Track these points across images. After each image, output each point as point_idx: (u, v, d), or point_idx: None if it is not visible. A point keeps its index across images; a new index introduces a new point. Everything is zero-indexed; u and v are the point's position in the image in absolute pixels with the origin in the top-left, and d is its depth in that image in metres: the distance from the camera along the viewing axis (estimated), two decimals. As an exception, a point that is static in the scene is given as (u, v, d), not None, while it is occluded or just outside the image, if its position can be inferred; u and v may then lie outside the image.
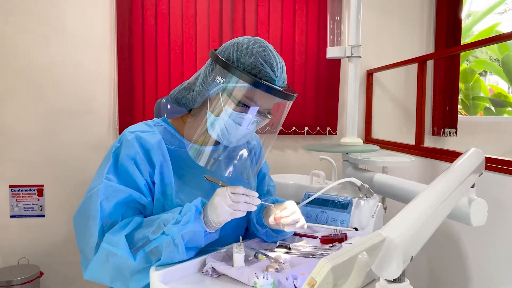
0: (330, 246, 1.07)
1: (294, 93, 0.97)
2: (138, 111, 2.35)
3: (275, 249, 1.05)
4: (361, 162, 1.81)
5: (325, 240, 1.10)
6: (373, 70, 2.64)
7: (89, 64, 2.31)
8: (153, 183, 1.02)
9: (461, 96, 5.34)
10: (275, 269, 0.91)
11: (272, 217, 1.03)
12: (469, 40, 6.53)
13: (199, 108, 1.07)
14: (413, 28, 2.77)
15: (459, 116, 2.93)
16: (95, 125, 2.35)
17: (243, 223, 1.16)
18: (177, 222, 0.91)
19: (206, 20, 2.40)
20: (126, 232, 0.93)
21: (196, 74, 1.07)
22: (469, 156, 1.03)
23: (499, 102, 5.64)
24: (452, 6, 2.73)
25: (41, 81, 2.27)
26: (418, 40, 2.78)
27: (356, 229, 1.23)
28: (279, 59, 0.98)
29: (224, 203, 0.91)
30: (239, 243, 0.95)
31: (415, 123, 2.12)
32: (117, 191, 0.97)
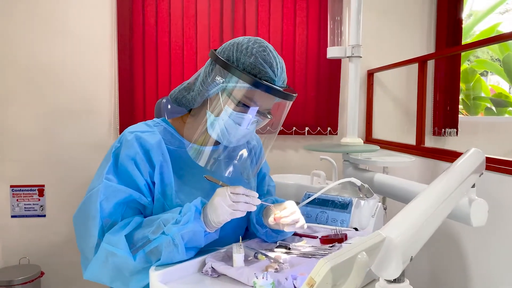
0: (330, 246, 1.06)
1: (294, 93, 0.97)
2: (138, 111, 2.35)
3: (275, 249, 1.05)
4: (361, 162, 1.81)
5: (325, 240, 1.10)
6: (373, 70, 2.64)
7: (89, 64, 2.32)
8: (153, 183, 1.02)
9: (462, 96, 5.33)
10: (275, 269, 0.91)
11: (272, 217, 1.03)
12: (470, 40, 6.51)
13: (199, 108, 1.07)
14: (413, 28, 2.76)
15: (460, 116, 2.92)
16: (96, 125, 2.35)
17: (243, 223, 1.16)
18: (177, 222, 0.91)
19: (207, 20, 2.40)
20: (126, 232, 0.93)
21: (196, 74, 1.07)
22: (470, 156, 1.03)
23: (500, 102, 5.62)
24: (452, 6, 2.72)
25: (41, 81, 2.27)
26: (418, 40, 2.77)
27: (356, 229, 1.23)
28: (279, 59, 0.98)
29: (224, 203, 0.91)
30: (239, 243, 0.95)
31: (415, 123, 2.12)
32: (117, 191, 0.97)
